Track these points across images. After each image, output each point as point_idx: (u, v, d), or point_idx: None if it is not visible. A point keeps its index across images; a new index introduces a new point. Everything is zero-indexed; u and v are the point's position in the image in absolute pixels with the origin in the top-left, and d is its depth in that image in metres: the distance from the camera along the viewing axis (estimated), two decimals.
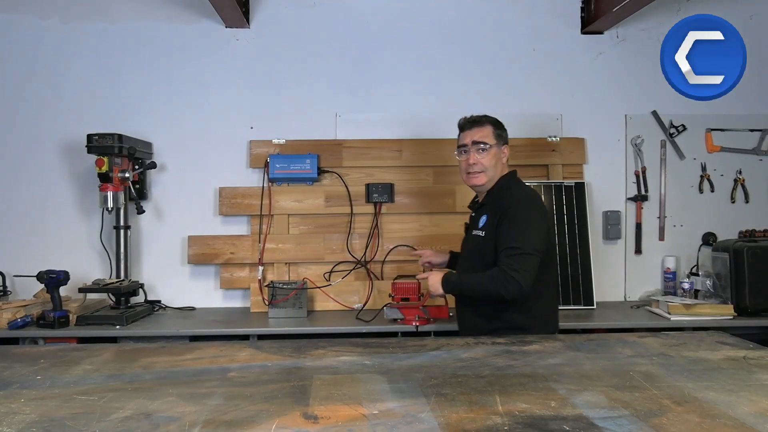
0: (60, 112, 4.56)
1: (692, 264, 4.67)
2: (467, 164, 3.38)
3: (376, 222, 4.58)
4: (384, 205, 4.60)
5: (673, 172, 4.76)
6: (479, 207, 3.46)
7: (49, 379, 2.25)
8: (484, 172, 3.35)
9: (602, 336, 3.02)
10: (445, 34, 4.73)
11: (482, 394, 2.02)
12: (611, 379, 2.18)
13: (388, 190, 4.58)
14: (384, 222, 4.61)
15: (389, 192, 4.59)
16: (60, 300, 3.91)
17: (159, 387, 2.14)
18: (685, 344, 2.72)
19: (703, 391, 2.05)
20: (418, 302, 3.91)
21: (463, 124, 3.44)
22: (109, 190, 4.13)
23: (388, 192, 4.58)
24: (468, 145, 3.37)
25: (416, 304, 3.90)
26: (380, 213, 4.60)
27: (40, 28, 4.57)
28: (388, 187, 4.59)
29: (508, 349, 2.64)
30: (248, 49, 4.65)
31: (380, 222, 4.60)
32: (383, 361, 2.46)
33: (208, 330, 3.95)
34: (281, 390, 2.09)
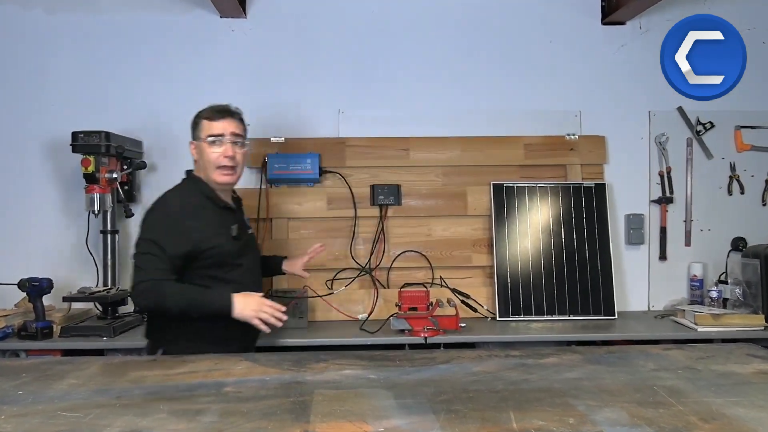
0: (43, 108, 4.57)
1: (721, 271, 4.65)
2: (221, 157, 3.33)
3: (381, 226, 4.59)
4: (390, 208, 4.61)
5: (700, 172, 4.75)
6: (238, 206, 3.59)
7: (31, 395, 2.25)
8: (237, 168, 3.40)
9: (624, 348, 3.02)
10: (456, 25, 4.74)
11: (495, 411, 2.02)
12: (633, 395, 2.18)
13: (395, 192, 4.59)
14: (390, 226, 4.62)
15: (396, 194, 4.59)
16: (43, 310, 3.91)
17: (149, 403, 2.14)
18: (712, 357, 2.72)
19: (732, 407, 2.04)
20: (427, 312, 3.91)
21: (219, 111, 3.40)
22: (95, 191, 4.13)
23: (395, 194, 4.59)
24: (225, 135, 3.34)
25: (425, 314, 3.90)
26: (386, 216, 4.60)
27: (23, 18, 4.58)
28: (394, 189, 4.59)
29: (522, 362, 2.64)
30: (245, 40, 4.66)
31: (386, 226, 4.60)
32: (389, 375, 2.46)
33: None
34: (280, 406, 2.09)
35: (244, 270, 3.39)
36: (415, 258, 4.58)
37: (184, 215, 3.24)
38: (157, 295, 3.11)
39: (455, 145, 4.63)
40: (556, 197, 4.55)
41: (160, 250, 3.13)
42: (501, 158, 4.66)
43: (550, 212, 4.53)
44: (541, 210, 4.53)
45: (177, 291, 3.15)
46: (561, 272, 4.44)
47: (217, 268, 3.27)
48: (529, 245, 4.49)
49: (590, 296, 4.41)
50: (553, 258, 4.46)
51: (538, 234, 4.50)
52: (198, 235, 3.21)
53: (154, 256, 3.13)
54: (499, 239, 4.50)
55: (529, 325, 4.29)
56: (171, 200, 3.33)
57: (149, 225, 3.26)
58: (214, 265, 3.26)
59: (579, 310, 4.37)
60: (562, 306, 4.39)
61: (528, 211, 4.53)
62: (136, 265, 3.18)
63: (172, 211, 3.26)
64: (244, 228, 3.53)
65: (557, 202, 4.54)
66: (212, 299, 3.19)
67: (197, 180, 3.39)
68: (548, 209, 4.54)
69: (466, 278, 4.56)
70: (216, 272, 3.27)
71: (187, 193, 3.37)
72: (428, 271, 4.58)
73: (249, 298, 3.23)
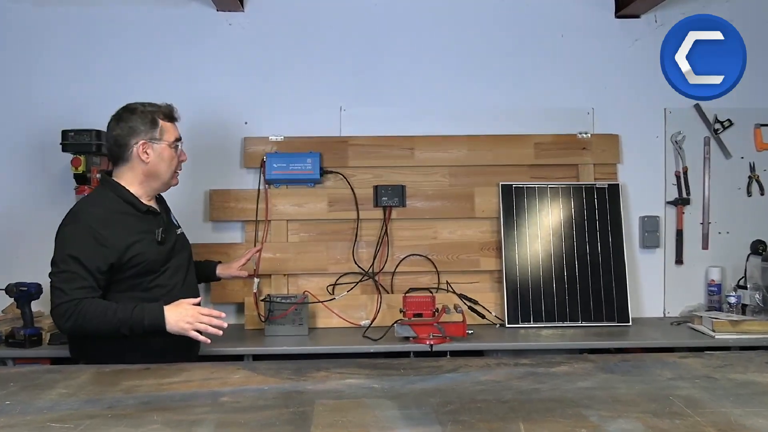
0: (31, 105, 4.57)
1: (739, 275, 4.65)
2: (178, 162, 3.42)
3: (385, 229, 4.59)
4: (394, 210, 4.61)
5: (718, 172, 4.75)
6: (163, 206, 3.52)
7: (19, 405, 2.25)
8: None
9: (638, 356, 3.02)
10: (463, 18, 4.73)
11: (504, 421, 2.02)
12: (649, 405, 2.18)
13: (399, 193, 4.58)
14: (394, 228, 4.62)
15: (400, 195, 4.59)
16: (31, 316, 3.92)
17: (142, 413, 2.15)
18: (731, 365, 2.72)
19: (752, 417, 2.04)
20: (433, 318, 3.92)
21: (172, 112, 3.45)
22: (86, 192, 4.13)
23: (399, 195, 4.58)
24: (181, 140, 3.42)
25: (430, 321, 3.91)
26: (390, 218, 4.60)
27: (9, 11, 4.59)
28: (398, 190, 4.59)
29: (533, 370, 2.64)
30: (242, 34, 4.66)
31: (390, 229, 4.60)
32: (393, 384, 2.46)
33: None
34: (279, 417, 2.09)
35: (172, 273, 3.33)
36: (421, 262, 4.59)
37: (104, 225, 3.14)
38: (80, 316, 2.99)
39: (462, 144, 4.63)
40: (568, 198, 4.55)
41: (79, 266, 3.04)
42: (510, 158, 4.66)
43: (561, 214, 4.53)
44: (551, 212, 4.53)
45: (102, 311, 3.03)
46: (573, 277, 4.44)
47: (143, 276, 3.20)
48: (539, 248, 4.49)
49: (603, 302, 4.41)
50: (564, 262, 4.46)
51: (548, 237, 4.50)
52: (121, 244, 3.13)
53: (74, 273, 3.03)
54: (508, 242, 4.49)
55: (539, 332, 4.29)
56: (88, 209, 3.24)
57: (66, 239, 3.14)
58: (140, 274, 3.19)
59: (591, 316, 4.37)
60: (573, 312, 4.39)
61: (538, 212, 4.53)
62: (54, 286, 3.08)
63: (91, 222, 3.14)
64: (172, 229, 3.45)
65: (569, 203, 4.54)
66: (141, 316, 3.05)
67: (115, 184, 3.29)
68: (559, 211, 4.54)
69: (473, 283, 4.56)
70: (142, 280, 3.21)
71: (105, 200, 3.28)
72: (434, 275, 4.58)
73: (182, 309, 3.12)
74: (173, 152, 3.35)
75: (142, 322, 3.05)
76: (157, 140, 3.31)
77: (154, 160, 3.30)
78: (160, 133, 3.32)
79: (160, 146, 3.31)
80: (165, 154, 3.32)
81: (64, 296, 3.02)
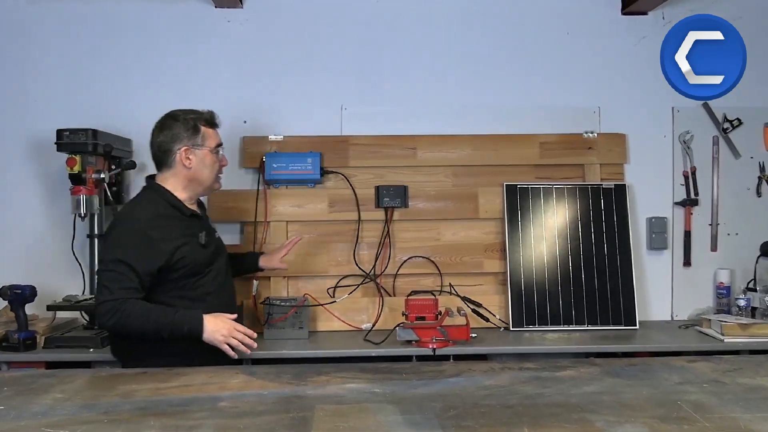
0: (26, 104, 4.57)
1: (749, 278, 4.65)
2: (220, 167, 3.60)
3: (387, 230, 4.58)
4: (396, 211, 4.61)
5: (727, 172, 4.75)
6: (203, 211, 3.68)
7: (14, 410, 2.26)
8: None
9: (646, 360, 3.02)
10: (467, 15, 4.73)
11: (509, 427, 2.02)
12: (656, 410, 2.18)
13: (401, 194, 4.58)
14: (396, 230, 4.62)
15: (402, 196, 4.58)
16: (26, 319, 3.91)
17: (139, 418, 2.15)
18: (740, 370, 2.72)
19: (761, 423, 2.05)
20: (436, 322, 3.92)
21: (213, 118, 3.57)
22: (81, 193, 4.11)
23: (401, 196, 4.58)
24: (222, 145, 3.57)
25: (433, 324, 3.91)
26: (392, 220, 4.60)
27: (3, 8, 4.58)
28: (400, 190, 4.58)
29: (538, 375, 2.65)
30: (241, 32, 4.65)
31: (392, 230, 4.60)
32: (395, 388, 2.47)
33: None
34: (279, 422, 2.10)
35: (215, 275, 3.48)
36: (423, 264, 4.58)
37: (154, 227, 3.29)
38: (122, 315, 3.12)
39: (466, 143, 4.63)
40: (574, 199, 4.55)
41: (128, 268, 3.16)
42: (514, 157, 4.66)
43: (566, 215, 4.53)
44: (557, 213, 4.53)
45: (144, 312, 3.17)
46: (578, 279, 4.44)
47: (187, 278, 3.34)
48: (544, 250, 4.49)
49: (610, 305, 4.40)
50: (570, 264, 4.46)
51: (554, 238, 4.50)
52: (169, 248, 3.26)
53: (121, 274, 3.15)
54: (513, 244, 4.49)
55: (544, 335, 4.29)
56: (137, 212, 3.39)
57: (116, 241, 3.29)
58: (186, 275, 3.33)
59: (598, 319, 4.37)
60: (579, 315, 4.39)
61: (543, 213, 4.53)
62: (101, 283, 3.24)
63: (141, 224, 3.29)
64: (212, 233, 3.61)
65: (574, 204, 4.54)
66: (182, 321, 3.22)
67: (160, 189, 3.44)
68: (565, 212, 4.53)
69: (477, 285, 4.56)
70: (187, 281, 3.34)
71: (152, 203, 3.41)
72: (437, 277, 4.57)
73: (221, 322, 3.29)
74: (215, 157, 3.52)
75: (182, 328, 3.20)
76: (199, 146, 3.46)
77: (196, 166, 3.45)
78: (201, 139, 3.47)
79: (202, 152, 3.46)
80: (207, 160, 3.48)
81: (109, 294, 3.15)
